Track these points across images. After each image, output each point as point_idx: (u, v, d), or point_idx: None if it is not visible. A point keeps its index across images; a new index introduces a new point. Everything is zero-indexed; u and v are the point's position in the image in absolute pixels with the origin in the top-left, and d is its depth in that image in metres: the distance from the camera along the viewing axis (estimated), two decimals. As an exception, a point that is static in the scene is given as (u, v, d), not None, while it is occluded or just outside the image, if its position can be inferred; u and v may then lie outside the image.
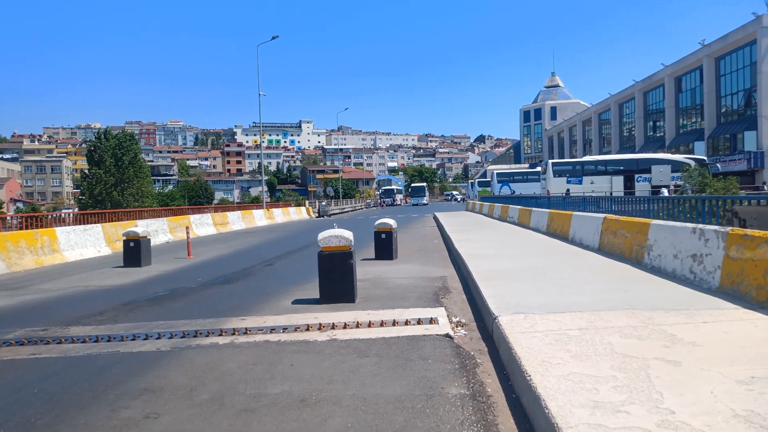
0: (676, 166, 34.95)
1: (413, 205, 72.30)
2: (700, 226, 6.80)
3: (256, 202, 62.66)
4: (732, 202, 8.31)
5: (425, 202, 75.11)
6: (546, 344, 4.22)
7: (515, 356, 4.00)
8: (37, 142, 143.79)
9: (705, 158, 38.31)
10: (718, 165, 38.58)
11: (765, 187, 36.51)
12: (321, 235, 7.12)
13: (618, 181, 37.30)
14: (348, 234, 7.12)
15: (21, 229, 15.02)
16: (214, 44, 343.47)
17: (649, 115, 62.96)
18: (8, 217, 16.36)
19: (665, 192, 31.08)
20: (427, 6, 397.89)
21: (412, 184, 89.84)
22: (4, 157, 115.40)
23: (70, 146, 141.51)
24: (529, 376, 3.54)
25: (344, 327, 5.78)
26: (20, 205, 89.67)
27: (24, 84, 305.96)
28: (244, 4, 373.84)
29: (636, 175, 37.16)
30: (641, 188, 36.06)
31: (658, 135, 60.27)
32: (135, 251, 12.17)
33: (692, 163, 33.16)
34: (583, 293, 6.27)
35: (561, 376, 3.49)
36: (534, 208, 18.22)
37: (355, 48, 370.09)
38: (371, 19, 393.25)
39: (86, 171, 59.91)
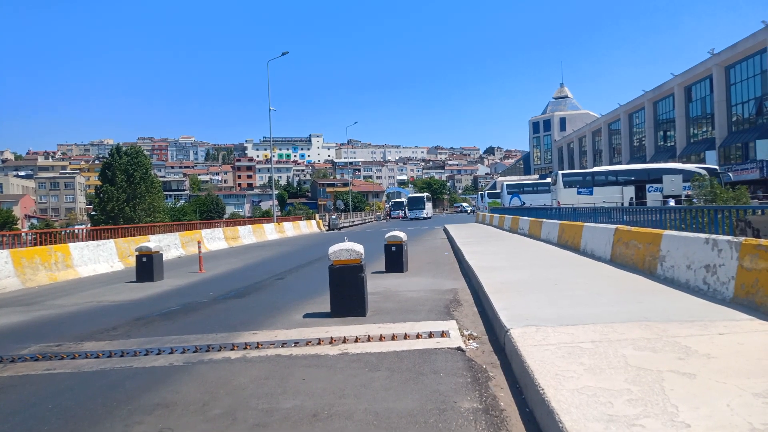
0: (688, 176, 34.68)
1: (411, 219, 61.22)
2: (713, 236, 6.75)
3: (266, 216, 62.95)
4: (745, 211, 8.23)
5: (426, 215, 63.30)
6: (559, 357, 4.19)
7: (528, 369, 3.98)
8: (51, 159, 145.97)
9: (717, 167, 37.99)
10: (730, 174, 38.26)
11: None
12: (332, 249, 7.15)
13: (629, 192, 37.05)
14: (359, 247, 7.14)
15: (35, 245, 15.20)
16: (225, 60, 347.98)
17: (659, 124, 62.70)
18: (23, 233, 16.56)
19: (672, 203, 30.82)
20: (434, 19, 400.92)
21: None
22: (20, 174, 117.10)
23: (83, 162, 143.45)
24: (543, 389, 3.52)
25: (355, 341, 5.78)
26: (34, 221, 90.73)
27: (38, 102, 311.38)
28: (254, 21, 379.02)
29: (647, 186, 36.91)
30: (653, 198, 35.79)
31: (668, 145, 59.95)
32: (147, 266, 12.27)
33: (704, 172, 32.89)
34: (595, 305, 6.22)
35: (575, 390, 3.47)
36: (544, 220, 18.14)
37: (364, 62, 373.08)
38: (379, 33, 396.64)
39: (98, 188, 60.54)
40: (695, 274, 6.93)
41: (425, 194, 71.92)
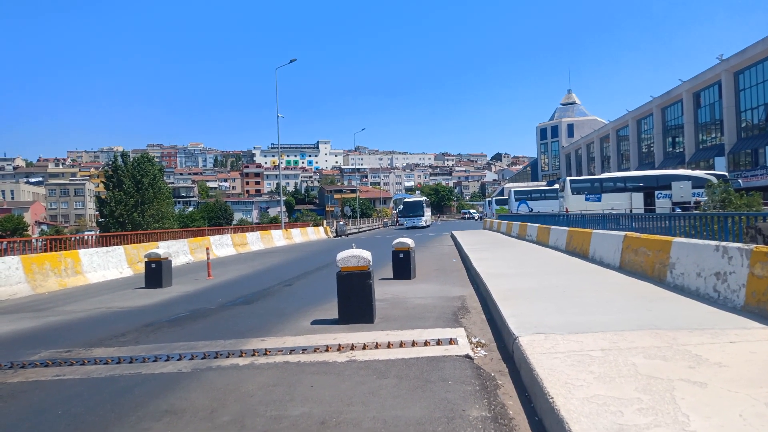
0: (697, 182, 34.44)
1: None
2: (723, 243, 6.69)
3: (274, 223, 63.13)
4: (755, 218, 8.16)
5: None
6: (568, 365, 4.17)
7: (537, 378, 3.95)
8: (61, 166, 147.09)
9: (726, 174, 37.71)
10: (739, 180, 37.94)
11: None
12: (339, 256, 7.15)
13: (638, 198, 36.82)
14: (366, 254, 7.14)
15: (45, 251, 15.31)
16: (234, 68, 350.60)
17: (667, 131, 62.42)
18: (33, 240, 16.69)
19: (678, 210, 30.59)
20: (441, 26, 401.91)
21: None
22: (30, 180, 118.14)
23: (93, 169, 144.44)
24: (552, 398, 3.50)
25: (363, 348, 5.77)
26: (44, 227, 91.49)
27: (48, 109, 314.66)
28: (262, 29, 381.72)
29: (656, 192, 36.67)
30: (662, 205, 35.55)
31: (677, 151, 59.64)
32: (156, 272, 12.32)
33: (713, 179, 32.66)
34: (605, 313, 6.18)
35: (584, 399, 3.44)
36: (552, 226, 18.08)
37: (371, 68, 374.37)
38: (386, 40, 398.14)
39: (98, 195, 60.65)
40: (705, 281, 6.88)
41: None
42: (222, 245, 23.90)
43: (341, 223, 48.26)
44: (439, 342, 5.84)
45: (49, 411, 4.37)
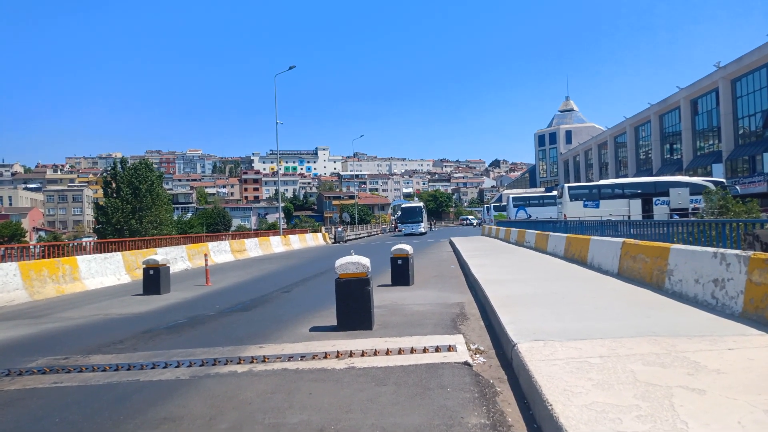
0: (695, 189, 34.55)
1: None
2: (721, 250, 6.71)
3: (272, 229, 63.04)
4: (753, 225, 8.18)
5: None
6: (567, 372, 4.17)
7: (536, 385, 3.95)
8: (59, 172, 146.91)
9: (724, 180, 37.83)
10: (737, 187, 38.05)
11: None
12: (338, 262, 7.15)
13: (636, 205, 36.92)
14: (365, 260, 7.15)
15: (43, 257, 15.29)
16: (233, 74, 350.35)
17: (665, 137, 62.60)
18: (31, 246, 16.66)
19: (675, 217, 30.66)
20: (439, 33, 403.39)
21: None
22: (29, 186, 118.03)
23: (91, 176, 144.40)
24: (551, 405, 3.50)
25: (362, 355, 5.76)
26: (42, 233, 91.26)
27: (47, 115, 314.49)
28: (261, 35, 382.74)
29: (654, 199, 36.78)
30: (660, 211, 35.63)
31: (675, 158, 59.79)
32: (154, 279, 12.30)
33: (711, 185, 32.77)
34: (603, 319, 6.19)
35: (583, 406, 3.45)
36: (551, 233, 18.10)
37: (369, 74, 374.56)
38: (384, 46, 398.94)
39: (100, 201, 60.54)
40: (703, 288, 6.89)
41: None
42: (220, 252, 23.87)
43: (339, 229, 48.26)
44: (437, 349, 5.84)
45: (47, 418, 4.35)
